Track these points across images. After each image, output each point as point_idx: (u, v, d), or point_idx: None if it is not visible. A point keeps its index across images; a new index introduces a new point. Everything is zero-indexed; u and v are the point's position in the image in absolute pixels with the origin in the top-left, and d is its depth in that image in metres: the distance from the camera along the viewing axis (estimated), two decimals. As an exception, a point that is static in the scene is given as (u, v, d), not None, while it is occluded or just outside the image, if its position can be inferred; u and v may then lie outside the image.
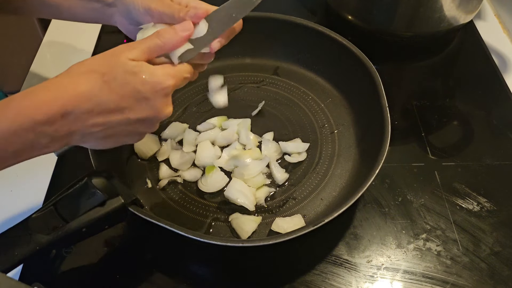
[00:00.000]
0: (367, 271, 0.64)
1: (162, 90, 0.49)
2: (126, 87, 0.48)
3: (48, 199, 0.67)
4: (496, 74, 0.89)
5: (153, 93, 0.49)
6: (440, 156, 0.77)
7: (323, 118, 0.80)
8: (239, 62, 0.88)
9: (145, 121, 0.50)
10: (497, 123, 0.81)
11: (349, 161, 0.74)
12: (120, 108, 0.48)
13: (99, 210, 0.55)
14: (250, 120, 0.79)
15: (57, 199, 0.55)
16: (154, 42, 0.51)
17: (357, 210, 0.70)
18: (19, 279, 0.64)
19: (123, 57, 0.48)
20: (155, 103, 0.49)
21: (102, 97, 0.47)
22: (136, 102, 0.48)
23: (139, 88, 0.48)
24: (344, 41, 0.78)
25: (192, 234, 0.58)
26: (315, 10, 1.05)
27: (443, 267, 0.64)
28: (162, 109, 0.50)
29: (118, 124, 0.49)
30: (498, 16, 1.03)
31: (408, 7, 0.88)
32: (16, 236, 0.54)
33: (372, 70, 0.74)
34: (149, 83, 0.48)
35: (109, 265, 0.66)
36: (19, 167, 0.76)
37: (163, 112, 0.51)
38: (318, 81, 0.85)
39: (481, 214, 0.69)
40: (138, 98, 0.48)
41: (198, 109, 0.82)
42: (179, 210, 0.69)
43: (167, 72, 0.50)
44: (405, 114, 0.83)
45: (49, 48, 0.97)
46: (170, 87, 0.50)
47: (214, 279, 0.66)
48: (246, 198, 0.68)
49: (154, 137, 0.77)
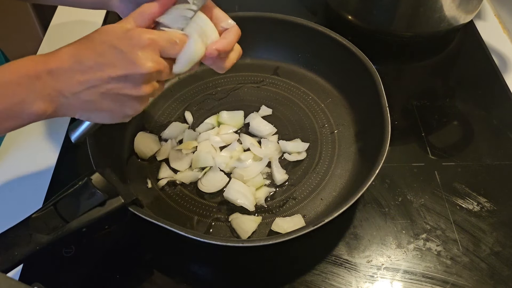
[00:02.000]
0: (367, 271, 0.64)
1: (139, 43, 0.49)
2: (103, 44, 0.50)
3: (48, 199, 0.67)
4: (496, 74, 0.89)
5: (129, 46, 0.49)
6: (440, 156, 0.77)
7: (323, 118, 0.80)
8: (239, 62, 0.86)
9: (126, 78, 0.50)
10: (497, 123, 0.81)
11: (349, 161, 0.74)
12: (99, 64, 0.49)
13: (99, 210, 0.55)
14: (243, 112, 0.79)
15: (57, 199, 0.55)
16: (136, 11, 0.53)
17: (357, 210, 0.70)
18: (19, 279, 0.64)
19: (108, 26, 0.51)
20: (131, 56, 0.49)
21: (81, 55, 0.49)
22: (113, 57, 0.49)
23: (115, 43, 0.49)
24: (344, 41, 0.79)
25: (192, 234, 0.58)
26: (315, 10, 1.05)
27: (443, 267, 0.64)
28: (140, 62, 0.49)
29: (100, 82, 0.50)
30: (498, 16, 1.03)
31: (408, 7, 0.88)
32: (16, 236, 0.54)
33: (372, 70, 0.74)
34: (125, 37, 0.49)
35: (109, 265, 0.66)
36: (19, 167, 0.77)
37: (142, 65, 0.50)
38: (318, 81, 0.85)
39: (481, 214, 0.69)
40: (115, 53, 0.49)
41: (198, 109, 0.82)
42: (179, 210, 0.69)
43: (147, 30, 0.51)
44: (405, 114, 0.83)
45: (49, 48, 0.97)
46: (147, 40, 0.50)
47: (214, 279, 0.66)
48: (246, 198, 0.68)
49: (154, 137, 0.77)
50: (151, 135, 0.77)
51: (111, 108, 0.52)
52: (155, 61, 0.51)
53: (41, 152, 0.79)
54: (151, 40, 0.50)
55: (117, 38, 0.50)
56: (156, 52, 0.51)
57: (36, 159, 0.78)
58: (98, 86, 0.50)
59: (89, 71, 0.49)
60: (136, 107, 0.53)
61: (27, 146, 0.80)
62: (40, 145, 0.80)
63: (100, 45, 0.50)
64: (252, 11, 0.85)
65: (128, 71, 0.50)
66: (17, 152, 0.79)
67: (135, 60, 0.49)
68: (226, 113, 0.79)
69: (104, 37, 0.50)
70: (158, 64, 0.51)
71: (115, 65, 0.49)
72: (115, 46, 0.49)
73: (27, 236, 0.54)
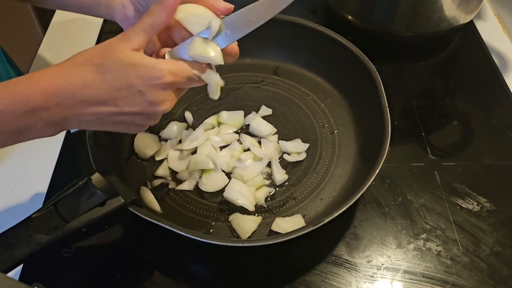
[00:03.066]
0: (367, 271, 0.64)
1: (157, 84, 0.47)
2: (119, 79, 0.47)
3: (48, 199, 0.67)
4: (496, 74, 0.89)
5: (147, 87, 0.47)
6: (440, 156, 0.77)
7: (323, 118, 0.80)
8: (239, 62, 0.86)
9: (140, 115, 0.49)
10: (497, 123, 0.81)
11: (349, 161, 0.74)
12: (113, 100, 0.47)
13: (99, 210, 0.55)
14: (243, 112, 0.79)
15: (57, 199, 0.55)
16: (145, 21, 0.49)
17: (357, 210, 0.70)
18: (19, 279, 0.64)
19: (120, 47, 0.47)
20: (150, 98, 0.48)
21: (96, 88, 0.47)
22: (129, 95, 0.47)
23: (133, 81, 0.47)
24: (344, 41, 0.78)
25: (192, 234, 0.58)
26: (315, 10, 1.05)
27: (443, 267, 0.64)
28: (157, 104, 0.48)
29: (112, 115, 0.49)
30: (498, 16, 1.03)
31: (408, 7, 0.88)
32: (16, 236, 0.54)
33: (372, 70, 0.74)
34: (143, 77, 0.47)
35: (109, 265, 0.66)
36: (19, 167, 0.77)
37: (159, 107, 0.49)
38: (318, 81, 0.85)
39: (481, 214, 0.69)
40: (132, 92, 0.47)
41: (198, 109, 0.82)
42: (179, 210, 0.69)
43: (166, 66, 0.48)
44: (405, 114, 0.83)
45: (49, 48, 0.97)
46: (166, 83, 0.48)
47: (214, 279, 0.66)
48: (246, 198, 0.68)
49: (154, 137, 0.77)
50: (151, 135, 0.77)
51: (117, 130, 0.52)
52: (171, 100, 0.50)
53: (41, 152, 0.79)
54: (172, 82, 0.48)
55: (137, 75, 0.47)
56: (174, 89, 0.50)
57: (36, 159, 0.78)
58: (110, 117, 0.49)
59: (103, 105, 0.48)
60: (141, 130, 0.54)
61: (27, 146, 0.80)
62: (40, 145, 0.79)
63: (117, 79, 0.47)
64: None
65: (144, 110, 0.49)
66: (17, 152, 0.79)
67: (153, 102, 0.48)
68: (226, 113, 0.79)
69: (122, 70, 0.47)
70: (173, 101, 0.50)
71: (131, 103, 0.48)
72: (133, 84, 0.47)
73: (27, 236, 0.54)
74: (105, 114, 0.48)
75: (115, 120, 0.50)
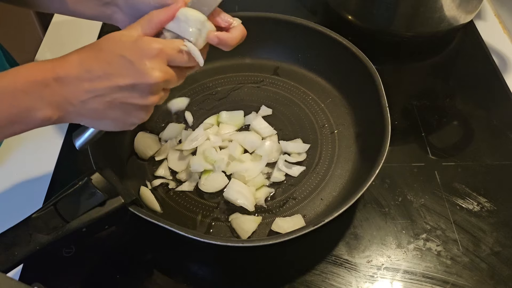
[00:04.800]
0: (367, 271, 0.64)
1: (147, 53, 0.50)
2: (111, 54, 0.50)
3: (48, 199, 0.67)
4: (496, 74, 0.89)
5: (138, 56, 0.49)
6: (440, 156, 0.77)
7: (323, 118, 0.80)
8: (239, 62, 0.88)
9: (133, 88, 0.50)
10: (497, 123, 0.81)
11: (349, 161, 0.74)
12: (107, 74, 0.49)
13: (99, 210, 0.55)
14: (243, 112, 0.79)
15: (57, 199, 0.55)
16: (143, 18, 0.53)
17: (357, 210, 0.70)
18: (19, 279, 0.64)
19: (115, 33, 0.51)
20: (139, 66, 0.49)
21: (90, 64, 0.50)
22: (121, 67, 0.49)
23: (124, 53, 0.49)
24: (344, 41, 0.78)
25: (192, 234, 0.58)
26: (315, 10, 1.05)
27: (443, 267, 0.64)
28: (148, 72, 0.50)
29: (107, 91, 0.50)
30: (498, 16, 1.03)
31: (408, 7, 0.88)
32: (16, 236, 0.54)
33: (372, 70, 0.74)
34: (133, 47, 0.50)
35: (109, 265, 0.66)
36: (20, 167, 0.77)
37: (150, 75, 0.50)
38: (318, 81, 0.85)
39: (481, 214, 0.69)
40: (123, 63, 0.49)
41: (198, 109, 0.82)
42: (179, 210, 0.69)
43: (155, 39, 0.51)
44: (405, 114, 0.83)
45: (49, 48, 0.97)
46: (155, 50, 0.50)
47: (214, 279, 0.66)
48: (246, 198, 0.68)
49: (154, 137, 0.77)
50: (151, 135, 0.77)
51: (117, 117, 0.53)
52: (163, 70, 0.51)
53: (41, 152, 0.79)
54: (159, 50, 0.50)
55: (126, 47, 0.50)
56: (164, 61, 0.51)
57: (36, 159, 0.78)
58: (105, 95, 0.50)
59: (97, 80, 0.49)
60: (141, 116, 0.54)
61: (27, 146, 0.80)
62: (40, 145, 0.80)
63: (108, 54, 0.50)
64: (252, 11, 0.85)
65: (136, 80, 0.50)
66: (17, 152, 0.79)
67: (143, 70, 0.49)
68: (226, 113, 0.79)
69: (112, 46, 0.50)
70: (165, 73, 0.51)
71: (123, 75, 0.50)
72: (124, 55, 0.49)
73: (27, 236, 0.54)
74: (100, 90, 0.50)
75: (110, 99, 0.50)
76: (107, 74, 0.49)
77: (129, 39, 0.50)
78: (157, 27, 0.53)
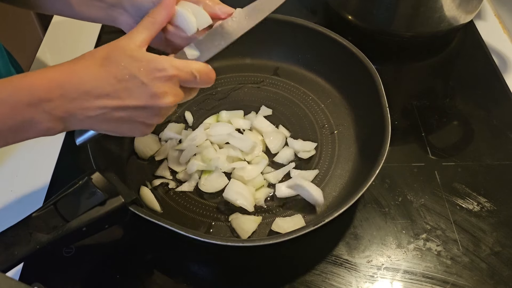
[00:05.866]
0: (367, 271, 0.64)
1: (160, 77, 0.48)
2: (123, 71, 0.47)
3: (48, 198, 0.67)
4: (496, 74, 0.89)
5: (150, 79, 0.48)
6: (440, 156, 0.77)
7: (323, 118, 0.80)
8: (239, 62, 0.88)
9: (143, 109, 0.49)
10: (497, 123, 0.81)
11: (349, 161, 0.74)
12: (116, 92, 0.48)
13: (99, 210, 0.55)
14: (243, 112, 0.79)
15: (57, 198, 0.55)
16: (146, 20, 0.52)
17: (357, 210, 0.70)
18: (19, 279, 0.64)
19: (124, 44, 0.49)
20: (152, 89, 0.48)
21: (99, 80, 0.47)
22: (133, 87, 0.48)
23: (136, 73, 0.48)
24: (344, 41, 0.78)
25: (192, 234, 0.58)
26: (315, 10, 1.05)
27: (443, 267, 0.64)
28: (160, 97, 0.49)
29: (115, 110, 0.48)
30: (498, 16, 1.03)
31: (408, 7, 0.88)
32: (16, 235, 0.54)
33: (372, 70, 0.74)
34: (146, 69, 0.48)
35: (109, 265, 0.66)
36: (20, 166, 0.77)
37: (162, 100, 0.49)
38: (318, 82, 0.85)
39: (481, 214, 0.69)
40: (135, 84, 0.48)
41: (198, 109, 0.82)
42: (179, 210, 0.69)
43: (169, 60, 0.49)
44: (405, 114, 0.83)
45: (49, 48, 0.97)
46: (169, 75, 0.49)
47: (214, 279, 0.66)
48: (245, 199, 0.68)
49: (154, 137, 0.77)
50: (151, 135, 0.77)
51: (121, 131, 0.52)
52: (175, 94, 0.50)
53: (41, 152, 0.79)
54: (174, 75, 0.49)
55: (139, 67, 0.48)
56: (177, 84, 0.50)
57: (37, 158, 0.78)
58: (113, 112, 0.49)
59: (105, 98, 0.48)
60: (146, 132, 0.53)
61: (27, 146, 0.80)
62: (40, 145, 0.80)
63: (120, 71, 0.48)
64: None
65: (147, 103, 0.49)
66: (17, 152, 0.79)
67: (155, 94, 0.48)
68: (226, 113, 0.79)
69: (125, 62, 0.48)
70: (177, 96, 0.50)
71: (134, 96, 0.48)
72: (136, 76, 0.48)
73: (27, 235, 0.53)
74: (108, 108, 0.48)
75: (118, 116, 0.49)
76: (117, 92, 0.48)
77: (143, 57, 0.48)
78: (162, 27, 0.52)
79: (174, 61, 0.50)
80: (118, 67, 0.48)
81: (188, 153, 0.73)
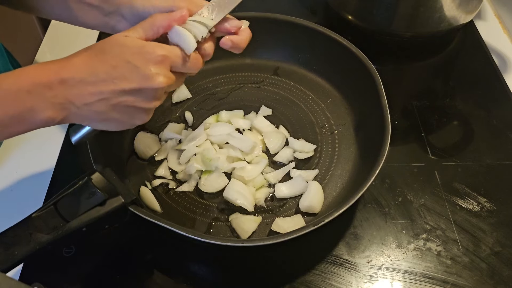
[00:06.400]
0: (367, 271, 0.64)
1: (152, 58, 0.51)
2: (116, 57, 0.50)
3: (48, 198, 0.67)
4: (496, 74, 0.89)
5: (143, 61, 0.50)
6: (440, 156, 0.77)
7: (323, 118, 0.80)
8: (239, 62, 0.88)
9: (139, 92, 0.51)
10: (497, 123, 0.81)
11: (349, 161, 0.74)
12: (111, 77, 0.50)
13: (99, 210, 0.55)
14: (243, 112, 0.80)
15: (57, 199, 0.55)
16: (145, 21, 0.54)
17: (357, 210, 0.70)
18: (19, 279, 0.64)
19: (117, 36, 0.52)
20: (145, 71, 0.50)
21: (94, 67, 0.50)
22: (126, 71, 0.50)
23: (129, 58, 0.50)
24: (344, 41, 0.78)
25: (192, 234, 0.58)
26: (315, 10, 1.05)
27: (443, 267, 0.64)
28: (153, 77, 0.51)
29: (112, 95, 0.50)
30: (498, 16, 1.03)
31: (408, 7, 0.88)
32: (16, 235, 0.54)
33: (372, 70, 0.74)
34: (139, 53, 0.50)
35: (109, 265, 0.66)
36: (20, 166, 0.77)
37: (155, 81, 0.51)
38: (318, 82, 0.85)
39: (481, 214, 0.69)
40: (129, 67, 0.50)
41: (198, 109, 0.82)
42: (179, 210, 0.69)
43: (160, 45, 0.52)
44: (405, 114, 0.83)
45: (49, 48, 0.97)
46: (160, 56, 0.51)
47: (214, 279, 0.66)
48: (245, 199, 0.68)
49: (154, 137, 0.77)
50: (151, 135, 0.77)
51: (120, 119, 0.53)
52: (166, 76, 0.52)
53: (41, 152, 0.79)
54: (164, 57, 0.51)
55: (131, 52, 0.50)
56: (168, 67, 0.53)
57: (36, 159, 0.78)
58: (110, 98, 0.51)
59: (102, 84, 0.50)
60: (144, 118, 0.55)
61: (27, 146, 0.80)
62: (40, 145, 0.80)
63: (113, 58, 0.50)
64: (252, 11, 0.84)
65: (141, 85, 0.51)
66: (17, 152, 0.79)
67: (148, 75, 0.51)
68: (226, 113, 0.79)
69: (117, 50, 0.51)
70: (169, 79, 0.53)
71: (128, 79, 0.50)
72: (129, 60, 0.50)
73: (27, 235, 0.54)
74: (105, 93, 0.50)
75: (115, 102, 0.51)
76: (112, 78, 0.50)
77: (134, 44, 0.51)
78: (159, 31, 0.53)
79: (164, 45, 0.52)
80: (112, 55, 0.50)
81: (188, 153, 0.73)
